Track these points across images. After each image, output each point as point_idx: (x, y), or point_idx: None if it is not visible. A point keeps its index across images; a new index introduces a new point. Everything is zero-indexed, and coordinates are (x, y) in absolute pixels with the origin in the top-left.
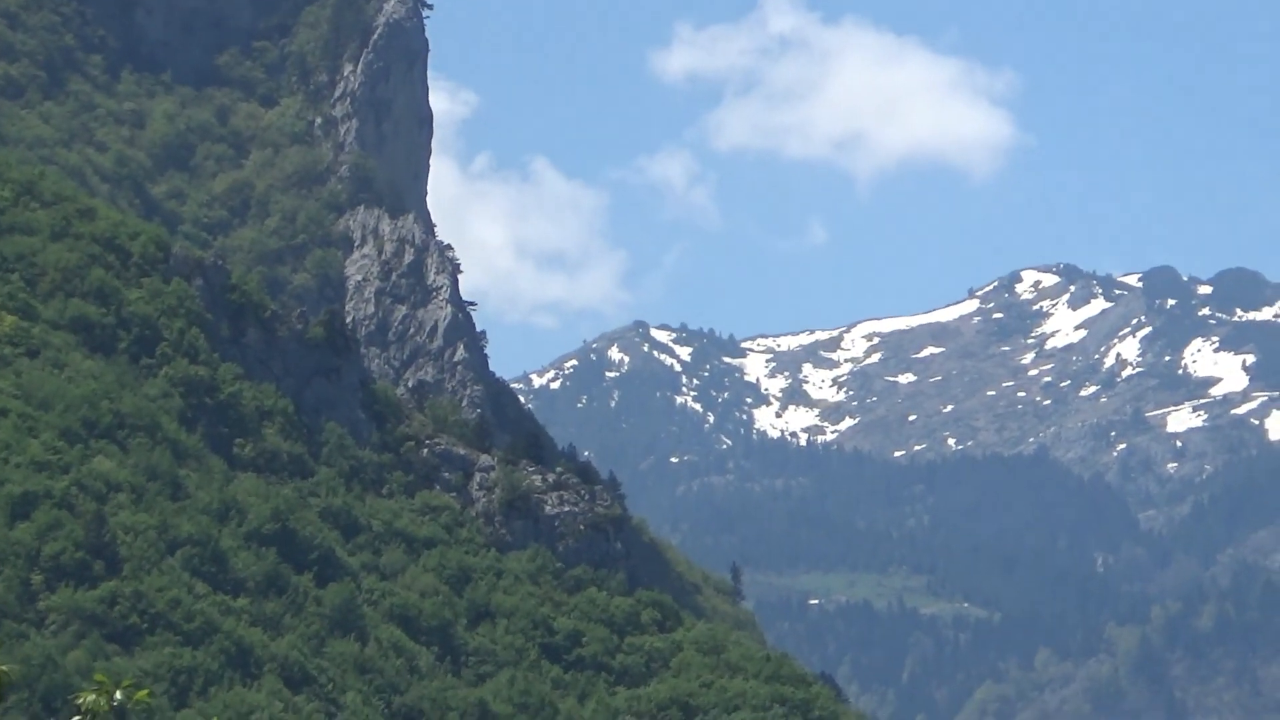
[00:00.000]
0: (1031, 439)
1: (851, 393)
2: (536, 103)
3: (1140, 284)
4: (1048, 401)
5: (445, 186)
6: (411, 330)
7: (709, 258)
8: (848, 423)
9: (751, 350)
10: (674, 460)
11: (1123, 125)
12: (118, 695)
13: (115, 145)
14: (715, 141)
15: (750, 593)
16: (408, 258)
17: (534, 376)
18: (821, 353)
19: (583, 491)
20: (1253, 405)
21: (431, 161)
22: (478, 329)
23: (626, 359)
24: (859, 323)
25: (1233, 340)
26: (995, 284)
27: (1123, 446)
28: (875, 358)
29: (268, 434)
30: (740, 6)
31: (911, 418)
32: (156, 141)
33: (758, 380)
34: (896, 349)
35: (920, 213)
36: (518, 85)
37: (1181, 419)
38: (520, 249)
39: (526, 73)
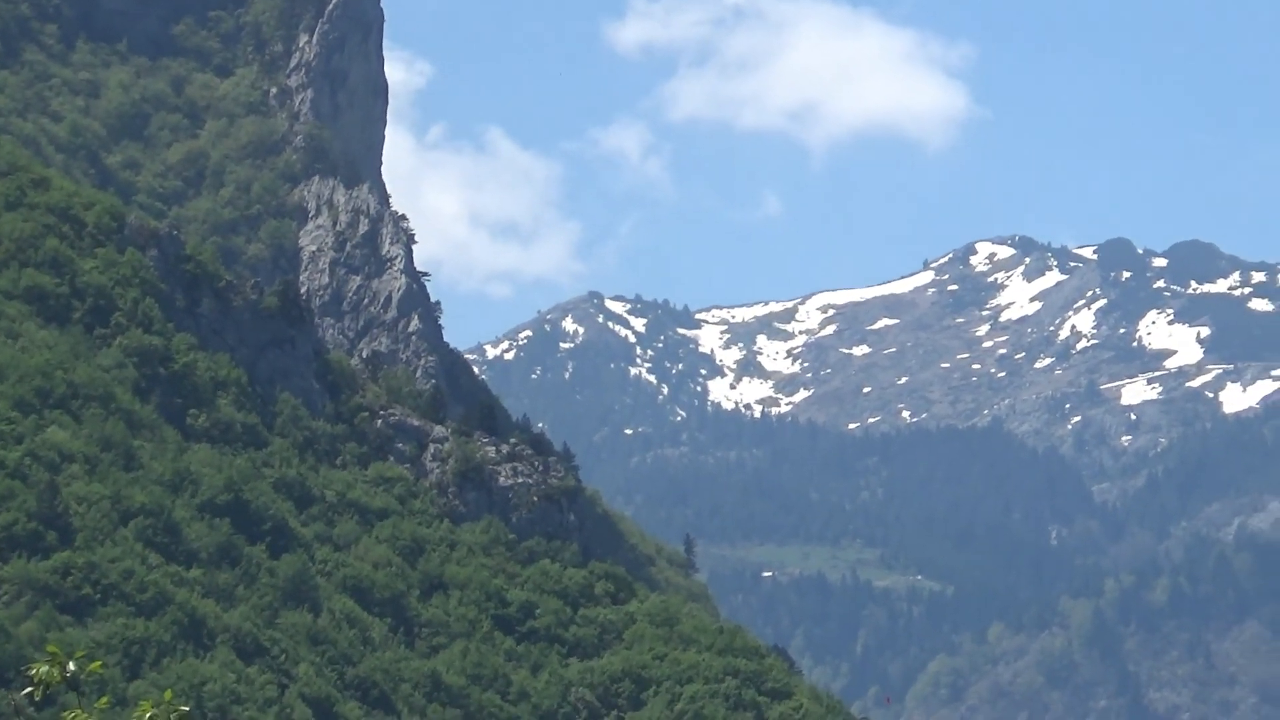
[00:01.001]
0: (986, 411)
1: (806, 365)
2: (491, 73)
3: (1095, 256)
4: (1002, 374)
5: (400, 157)
6: (366, 301)
7: (663, 229)
8: (802, 395)
9: (706, 322)
10: (628, 432)
11: (1078, 97)
12: (70, 666)
13: (70, 115)
14: (669, 112)
15: (703, 565)
16: (362, 228)
17: (488, 347)
18: (776, 324)
19: (536, 463)
20: (1207, 378)
21: (386, 132)
22: (432, 299)
23: (581, 330)
24: (813, 294)
25: (1187, 313)
26: (950, 256)
27: (1077, 419)
28: (829, 330)
29: (221, 404)
30: None
31: (866, 390)
32: (111, 111)
33: (712, 352)
34: (851, 321)
35: (875, 184)
36: (472, 56)
37: (1136, 392)
38: (475, 219)
39: (481, 43)
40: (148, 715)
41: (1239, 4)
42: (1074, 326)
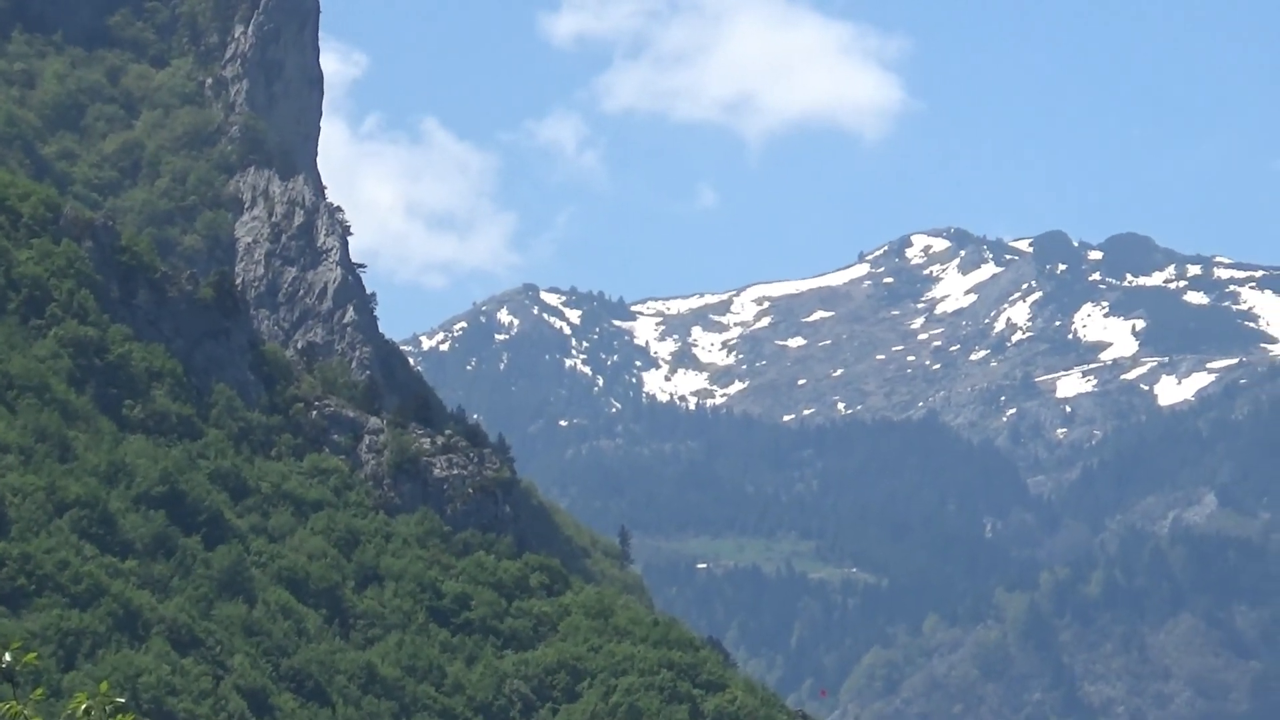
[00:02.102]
0: (921, 404)
1: (741, 356)
2: (427, 64)
3: (1030, 249)
4: (937, 366)
5: (336, 147)
6: (301, 292)
7: (599, 221)
8: (737, 386)
9: (641, 313)
10: (563, 423)
11: (1013, 90)
12: (6, 658)
13: (4, 105)
14: (605, 104)
15: (638, 557)
16: (298, 219)
17: (423, 339)
18: (711, 316)
19: (471, 454)
20: (1142, 371)
21: (322, 123)
22: (368, 291)
23: (516, 322)
24: (749, 286)
25: (1123, 305)
26: (885, 248)
27: (1012, 412)
28: (765, 322)
29: (157, 395)
30: None
31: (801, 382)
32: (47, 102)
33: (647, 344)
34: (786, 313)
35: (810, 176)
36: (408, 47)
37: (1071, 384)
38: (410, 210)
39: (417, 34)
40: (83, 707)
41: None
42: (1009, 319)
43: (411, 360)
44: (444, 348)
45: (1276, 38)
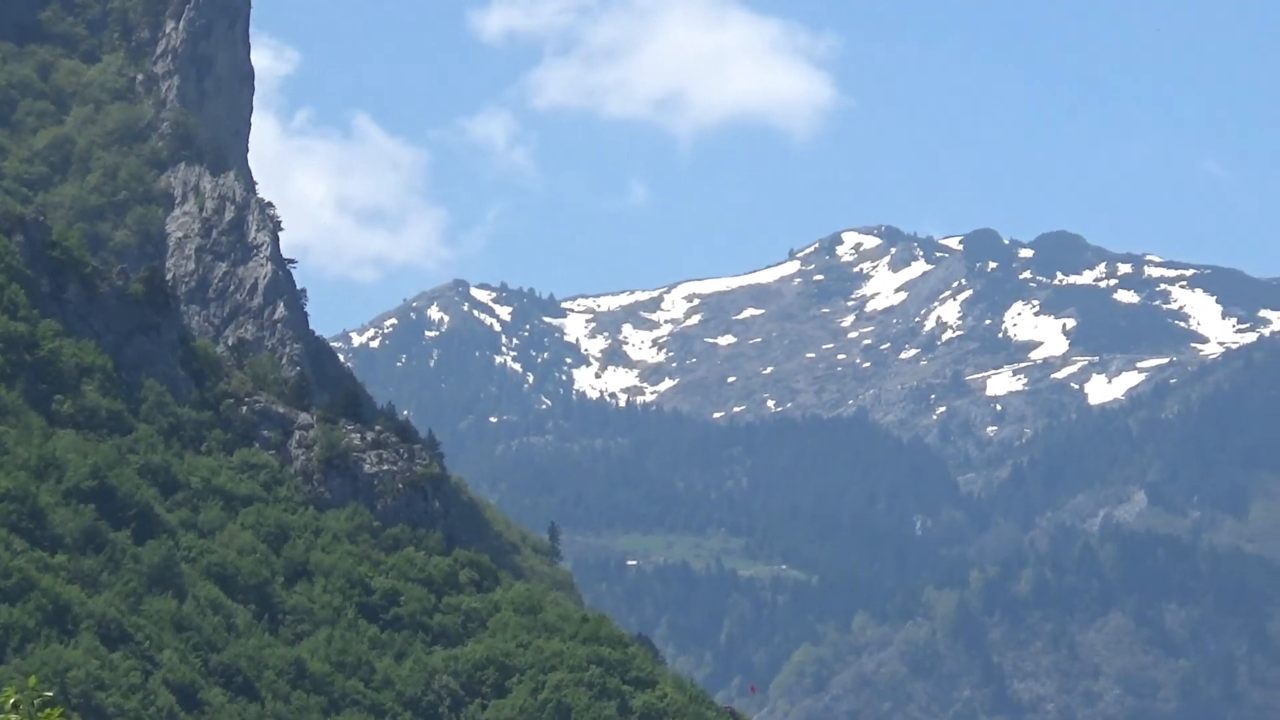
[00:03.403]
0: (851, 401)
1: (671, 354)
2: (358, 60)
3: (961, 246)
4: (867, 364)
5: (267, 143)
6: (232, 288)
7: (529, 217)
8: (667, 384)
9: (571, 310)
10: (493, 420)
11: (944, 88)
12: None
13: None
14: (535, 101)
15: (568, 553)
16: (229, 215)
17: (354, 335)
18: (641, 313)
19: (401, 450)
20: (1072, 369)
21: (253, 119)
22: (298, 286)
23: (446, 318)
24: (679, 284)
25: (1053, 304)
26: (816, 246)
27: (942, 410)
28: (695, 319)
29: (87, 391)
30: None
31: (731, 379)
32: None
33: (577, 340)
34: (716, 310)
35: (741, 173)
36: (339, 43)
37: (1001, 382)
38: (341, 205)
39: (348, 30)
40: (12, 700)
41: None
42: (939, 317)
43: (342, 356)
44: (374, 344)
45: (1207, 38)
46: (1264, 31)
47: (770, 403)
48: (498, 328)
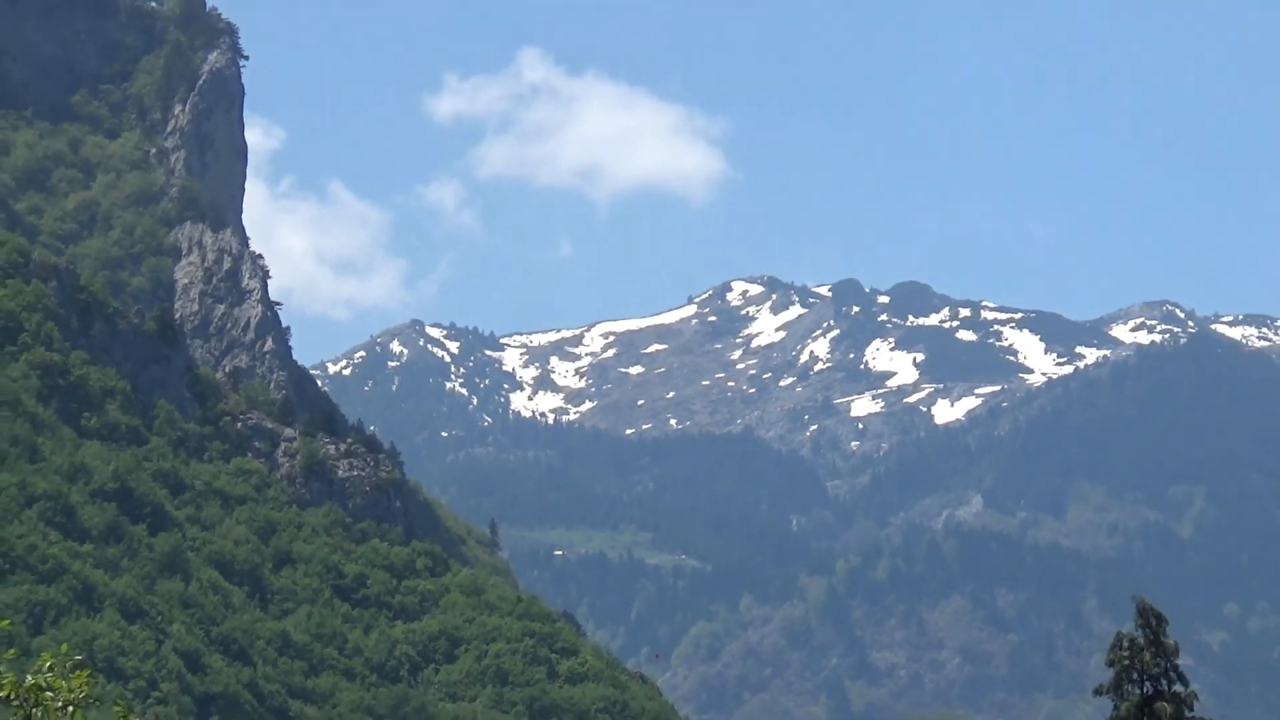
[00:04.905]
0: (739, 420)
1: (591, 381)
2: (333, 137)
3: (830, 293)
4: (752, 390)
5: (257, 205)
6: (229, 325)
7: (474, 267)
8: (587, 405)
9: (508, 345)
10: (444, 435)
11: (815, 162)
12: None
13: None
14: (478, 172)
15: (505, 545)
16: (226, 265)
17: (329, 364)
18: (566, 348)
19: (368, 459)
20: (921, 395)
21: (246, 185)
22: (283, 324)
23: (405, 351)
24: (597, 323)
25: (906, 341)
26: (710, 292)
27: (814, 427)
28: (610, 352)
29: (109, 409)
30: (498, 60)
31: (640, 402)
32: (19, 166)
33: (513, 370)
34: (628, 345)
35: (648, 232)
36: (318, 122)
37: (863, 405)
38: (319, 257)
39: (325, 112)
40: (48, 664)
41: (941, 82)
42: (812, 351)
43: (319, 382)
44: (346, 372)
45: (1032, 121)
46: (1075, 115)
47: (673, 421)
48: (448, 359)
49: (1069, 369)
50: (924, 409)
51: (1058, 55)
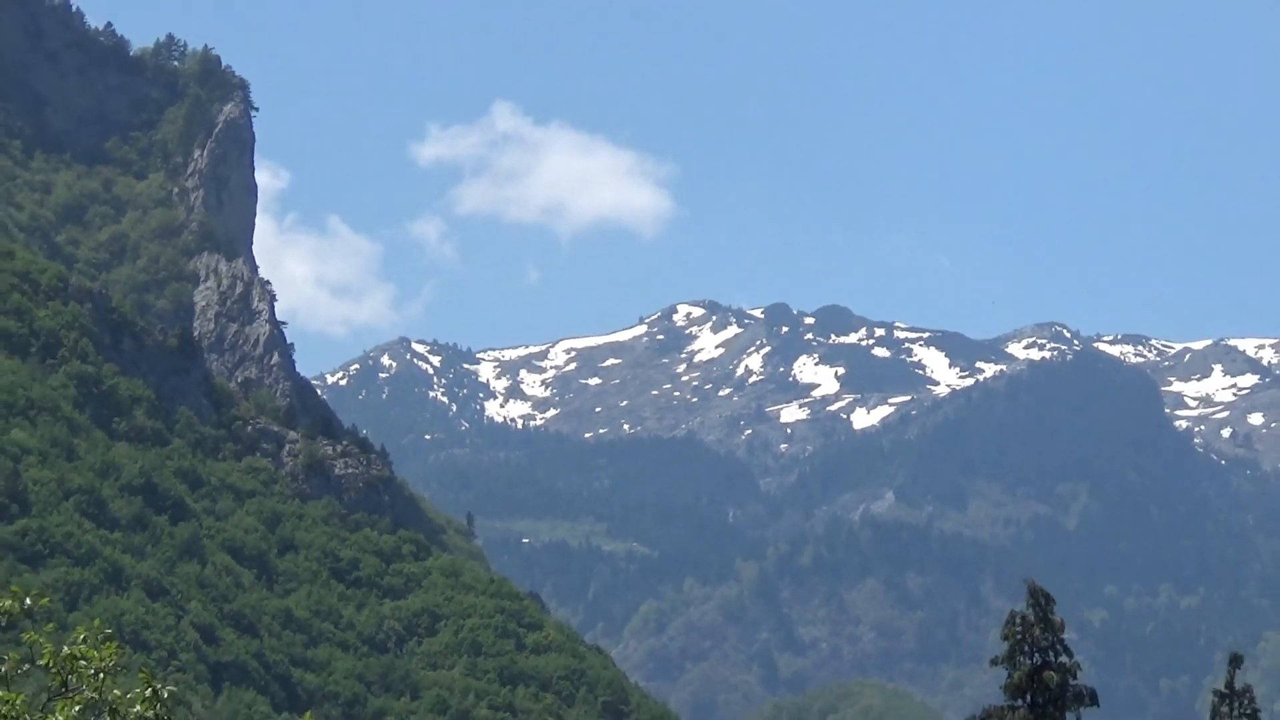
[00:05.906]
0: (684, 426)
1: (555, 391)
2: (331, 178)
3: (763, 315)
4: (695, 400)
5: (266, 237)
6: (241, 342)
7: (455, 292)
8: (552, 413)
9: (484, 360)
10: (427, 438)
11: (750, 201)
12: (27, 601)
13: (29, 206)
14: (457, 209)
15: (480, 534)
16: (238, 289)
17: (328, 376)
18: (534, 362)
19: (362, 459)
20: (842, 404)
21: (256, 220)
22: (288, 341)
23: (394, 364)
24: (560, 340)
25: (829, 357)
26: (659, 314)
27: (749, 432)
28: (572, 366)
29: (137, 415)
30: (474, 112)
31: (598, 410)
32: (59, 204)
33: (488, 381)
34: (588, 360)
35: (605, 262)
36: (318, 165)
37: (791, 413)
38: (319, 282)
39: (325, 157)
40: (81, 636)
41: (861, 132)
42: (747, 366)
43: (319, 391)
44: (343, 383)
45: (943, 162)
46: (977, 162)
47: (626, 426)
48: (431, 371)
49: (970, 381)
50: (844, 416)
51: (959, 110)
